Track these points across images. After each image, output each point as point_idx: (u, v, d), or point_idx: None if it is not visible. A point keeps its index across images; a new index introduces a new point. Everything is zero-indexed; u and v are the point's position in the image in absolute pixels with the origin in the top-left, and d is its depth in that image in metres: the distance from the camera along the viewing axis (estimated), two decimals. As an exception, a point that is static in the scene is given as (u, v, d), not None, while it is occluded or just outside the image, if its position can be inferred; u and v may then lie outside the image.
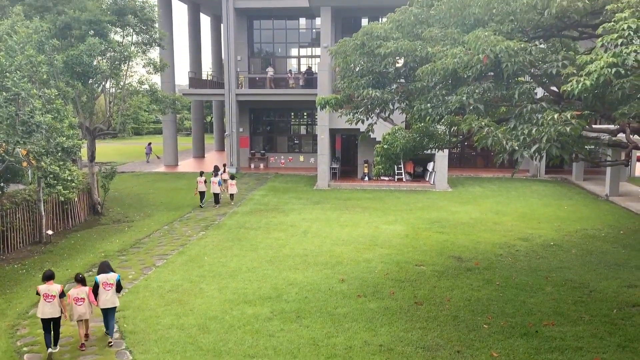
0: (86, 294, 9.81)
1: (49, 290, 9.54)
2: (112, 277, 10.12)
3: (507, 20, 10.14)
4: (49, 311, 9.45)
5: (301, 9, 32.54)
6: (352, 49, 12.59)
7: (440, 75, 9.85)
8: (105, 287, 9.98)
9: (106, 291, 9.98)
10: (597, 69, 6.85)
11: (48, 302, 9.47)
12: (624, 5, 7.56)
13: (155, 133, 66.36)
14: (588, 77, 6.99)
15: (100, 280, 10.01)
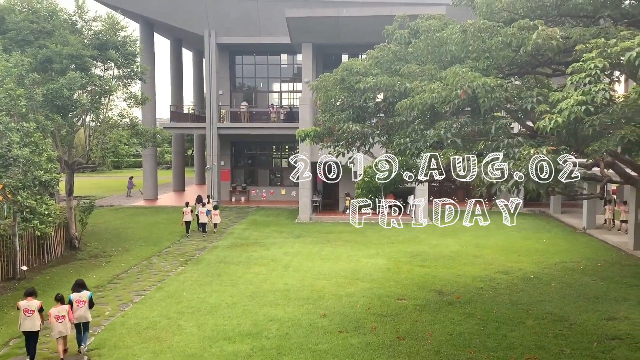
0: (66, 311, 10.63)
1: (29, 306, 10.38)
2: (85, 295, 11.16)
3: (483, 57, 10.42)
4: (29, 325, 10.27)
5: (283, 45, 33.08)
6: (332, 83, 12.79)
7: (418, 110, 10.03)
8: (78, 304, 10.99)
9: (79, 308, 10.98)
10: (568, 107, 7.05)
11: (27, 316, 10.28)
12: (591, 45, 7.84)
13: (135, 166, 65.89)
14: (560, 114, 7.19)
15: (73, 298, 11.04)
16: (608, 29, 10.14)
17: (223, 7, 33.82)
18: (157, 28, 37.75)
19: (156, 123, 37.80)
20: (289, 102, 37.32)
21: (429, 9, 24.57)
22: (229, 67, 36.48)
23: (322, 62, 34.25)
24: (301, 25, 27.54)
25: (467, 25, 10.10)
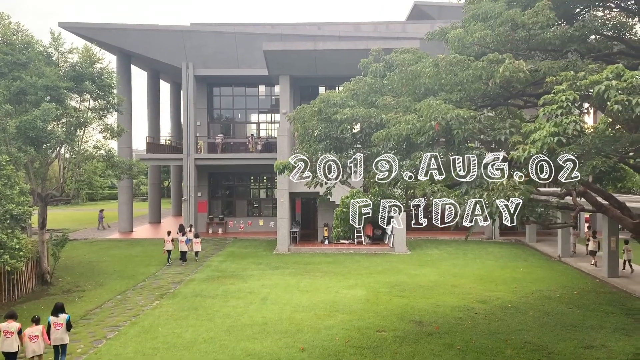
0: (40, 332, 11.08)
1: (8, 327, 10.92)
2: (62, 318, 11.62)
3: (456, 89, 10.67)
4: (7, 346, 10.81)
5: (261, 77, 33.39)
6: (310, 115, 12.91)
7: (394, 141, 10.16)
8: (55, 326, 11.46)
9: (56, 330, 11.42)
10: (541, 138, 7.22)
11: (7, 337, 10.84)
12: (561, 78, 8.08)
13: (111, 198, 64.92)
14: (533, 145, 7.35)
15: (51, 321, 11.55)
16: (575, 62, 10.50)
17: (201, 40, 34.09)
18: (134, 60, 37.79)
19: (132, 154, 37.47)
20: (267, 133, 37.45)
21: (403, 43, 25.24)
22: (207, 99, 36.59)
23: (299, 93, 34.60)
24: (278, 58, 27.87)
25: (439, 59, 10.35)
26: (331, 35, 32.72)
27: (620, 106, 6.93)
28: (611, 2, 13.18)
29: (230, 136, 37.24)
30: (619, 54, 12.78)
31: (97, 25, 34.71)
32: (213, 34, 34.15)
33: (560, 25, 12.07)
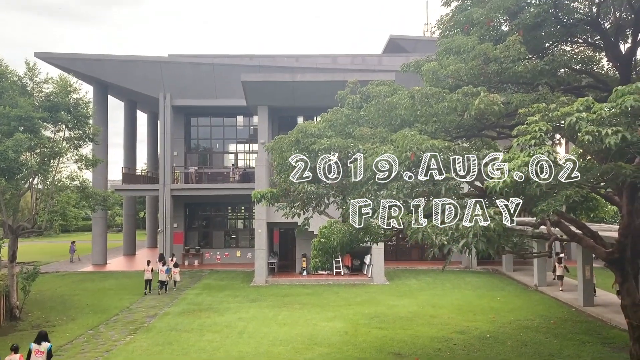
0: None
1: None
2: (44, 346, 11.73)
3: (431, 121, 10.84)
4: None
5: (239, 107, 33.49)
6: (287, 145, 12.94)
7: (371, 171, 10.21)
8: (36, 354, 11.63)
9: (37, 357, 11.59)
10: (515, 168, 7.34)
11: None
12: (534, 109, 8.28)
13: (85, 230, 63.63)
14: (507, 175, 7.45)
15: (33, 348, 11.72)
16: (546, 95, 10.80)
17: (179, 71, 34.19)
18: (111, 90, 37.64)
19: (107, 185, 36.94)
20: (245, 163, 37.38)
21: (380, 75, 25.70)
22: (184, 129, 36.48)
23: (278, 123, 34.74)
24: (257, 89, 28.07)
25: (414, 91, 10.54)
26: (309, 67, 33.15)
27: (590, 137, 7.10)
28: (578, 38, 13.67)
29: (208, 166, 37.07)
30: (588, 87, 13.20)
31: (74, 56, 34.58)
32: (191, 65, 34.30)
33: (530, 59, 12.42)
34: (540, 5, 12.48)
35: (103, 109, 35.82)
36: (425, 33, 51.33)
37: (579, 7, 13.06)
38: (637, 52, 13.07)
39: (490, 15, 12.50)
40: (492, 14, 12.53)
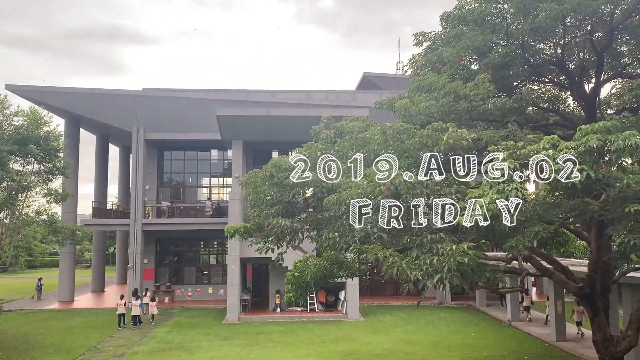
0: None
1: None
2: None
3: (404, 156, 10.98)
4: None
5: (213, 141, 33.41)
6: (262, 179, 12.94)
7: (345, 205, 10.24)
8: None
9: None
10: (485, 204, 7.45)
11: None
12: (502, 147, 8.47)
13: (52, 266, 61.74)
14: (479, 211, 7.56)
15: None
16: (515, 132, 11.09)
17: (153, 104, 34.07)
18: (83, 123, 37.21)
19: (77, 220, 36.12)
20: (218, 197, 37.07)
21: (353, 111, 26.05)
22: (157, 163, 36.15)
23: (252, 157, 34.72)
24: (232, 123, 28.12)
25: (387, 127, 10.71)
26: (284, 102, 33.42)
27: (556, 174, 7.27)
28: (545, 77, 14.17)
29: (181, 200, 36.64)
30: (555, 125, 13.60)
31: (46, 89, 34.21)
32: (166, 99, 34.24)
33: (499, 97, 12.80)
34: (507, 46, 12.93)
35: (74, 142, 35.32)
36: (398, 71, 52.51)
37: (544, 49, 13.58)
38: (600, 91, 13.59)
39: (460, 54, 12.89)
40: (462, 54, 12.93)
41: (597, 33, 12.60)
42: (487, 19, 13.32)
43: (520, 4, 11.85)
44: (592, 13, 11.41)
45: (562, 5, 10.98)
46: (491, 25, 13.15)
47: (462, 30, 13.42)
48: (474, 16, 13.28)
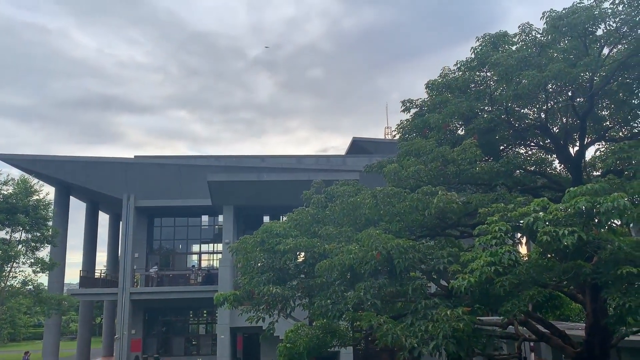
0: None
1: None
2: None
3: (395, 220, 11.00)
4: None
5: (204, 207, 33.33)
6: (252, 245, 12.82)
7: (338, 271, 10.14)
8: None
9: None
10: (479, 267, 7.41)
11: None
12: (493, 209, 8.53)
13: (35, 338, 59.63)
14: (472, 275, 7.50)
15: None
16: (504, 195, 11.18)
17: (143, 172, 34.20)
18: (73, 191, 37.12)
19: (64, 289, 35.29)
20: (208, 264, 36.56)
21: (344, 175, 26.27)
22: (147, 230, 35.82)
23: (243, 222, 34.56)
24: (223, 189, 28.19)
25: (377, 191, 10.78)
26: (274, 167, 33.70)
27: (548, 237, 7.29)
28: (530, 141, 14.47)
29: (170, 268, 36.05)
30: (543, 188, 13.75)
31: (37, 157, 34.34)
32: (157, 166, 34.43)
33: (487, 161, 12.99)
34: (492, 111, 13.28)
35: (64, 210, 35.10)
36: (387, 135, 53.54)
37: (528, 113, 13.94)
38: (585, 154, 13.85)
39: (447, 120, 13.20)
40: (448, 119, 13.23)
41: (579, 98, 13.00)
42: (471, 86, 13.74)
43: (502, 72, 12.27)
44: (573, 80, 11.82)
45: (543, 73, 11.38)
46: (475, 92, 13.55)
47: (447, 97, 13.80)
48: (459, 84, 13.71)
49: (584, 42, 12.06)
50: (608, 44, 12.12)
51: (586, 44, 12.09)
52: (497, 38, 13.30)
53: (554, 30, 12.15)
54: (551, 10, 12.35)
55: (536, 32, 13.09)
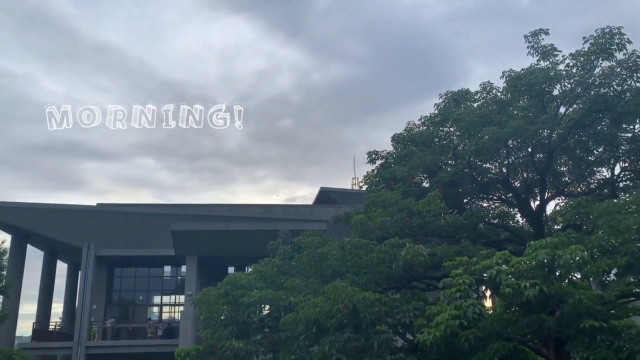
0: None
1: None
2: None
3: (362, 272, 10.96)
4: None
5: (167, 257, 32.53)
6: (216, 298, 12.50)
7: (303, 325, 9.94)
8: None
9: None
10: (444, 321, 7.40)
11: None
12: (457, 262, 8.60)
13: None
14: (437, 329, 7.48)
15: None
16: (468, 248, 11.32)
17: (106, 220, 33.36)
18: (31, 239, 35.82)
19: (14, 343, 33.43)
20: (170, 317, 35.36)
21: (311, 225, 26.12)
22: (107, 280, 34.60)
23: (207, 274, 33.75)
24: (187, 238, 27.66)
25: (344, 242, 10.78)
26: (242, 217, 33.36)
27: (511, 289, 7.37)
28: (493, 195, 14.82)
29: (129, 320, 34.69)
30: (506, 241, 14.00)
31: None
32: (120, 214, 33.67)
33: (452, 214, 13.20)
34: (456, 165, 13.62)
35: (20, 259, 33.71)
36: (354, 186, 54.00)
37: (490, 168, 14.35)
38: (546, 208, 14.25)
39: (412, 172, 13.44)
40: (413, 172, 13.48)
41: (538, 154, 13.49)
42: (435, 141, 14.12)
43: (465, 128, 12.68)
44: (531, 136, 12.29)
45: (503, 129, 11.81)
46: (439, 146, 13.92)
47: (412, 150, 14.12)
48: (423, 138, 14.07)
49: (542, 101, 12.63)
50: (564, 103, 12.74)
51: (544, 102, 12.67)
52: (460, 95, 13.82)
53: (513, 89, 12.71)
54: (510, 70, 12.96)
55: (496, 90, 13.68)
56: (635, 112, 12.14)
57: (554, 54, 12.54)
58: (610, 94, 12.03)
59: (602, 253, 9.34)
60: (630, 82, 11.77)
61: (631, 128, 12.99)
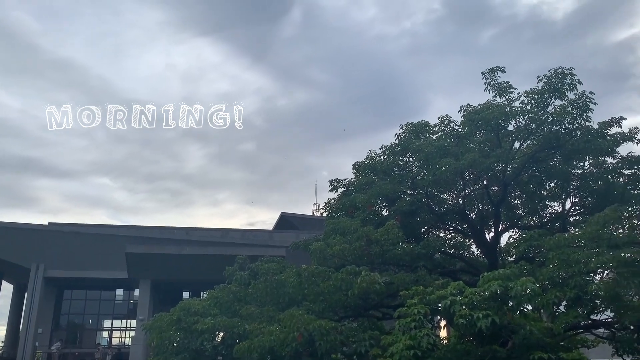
0: None
1: None
2: None
3: (319, 299, 10.91)
4: None
5: (119, 280, 31.53)
6: (168, 324, 12.19)
7: (257, 353, 9.78)
8: None
9: None
10: (399, 351, 7.41)
11: None
12: (412, 292, 8.68)
13: None
14: (392, 358, 7.47)
15: None
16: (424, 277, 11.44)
17: (57, 240, 32.15)
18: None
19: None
20: (120, 342, 34.11)
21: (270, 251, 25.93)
22: (55, 303, 33.21)
23: (160, 298, 32.86)
24: (141, 261, 26.92)
25: (302, 269, 10.74)
26: (199, 241, 32.76)
27: (464, 320, 7.46)
28: (449, 225, 15.09)
29: (77, 345, 33.28)
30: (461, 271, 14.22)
31: None
32: (72, 235, 32.52)
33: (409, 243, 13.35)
34: (414, 195, 13.84)
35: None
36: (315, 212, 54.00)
37: (447, 199, 14.64)
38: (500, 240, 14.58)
39: (371, 200, 13.57)
40: (373, 200, 13.61)
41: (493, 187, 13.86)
42: (395, 170, 14.33)
43: (423, 158, 12.94)
44: (487, 169, 12.64)
45: (460, 161, 12.11)
46: (399, 175, 14.14)
47: (372, 178, 14.28)
48: (383, 167, 14.26)
49: (497, 136, 13.04)
50: (519, 138, 13.18)
51: (499, 137, 13.08)
52: (419, 127, 14.13)
53: (470, 123, 13.10)
54: (468, 105, 13.37)
55: (454, 123, 14.07)
56: (584, 150, 12.67)
57: (510, 90, 13.04)
58: (562, 131, 12.54)
59: (552, 285, 9.60)
60: (580, 121, 12.30)
61: (581, 165, 13.54)
